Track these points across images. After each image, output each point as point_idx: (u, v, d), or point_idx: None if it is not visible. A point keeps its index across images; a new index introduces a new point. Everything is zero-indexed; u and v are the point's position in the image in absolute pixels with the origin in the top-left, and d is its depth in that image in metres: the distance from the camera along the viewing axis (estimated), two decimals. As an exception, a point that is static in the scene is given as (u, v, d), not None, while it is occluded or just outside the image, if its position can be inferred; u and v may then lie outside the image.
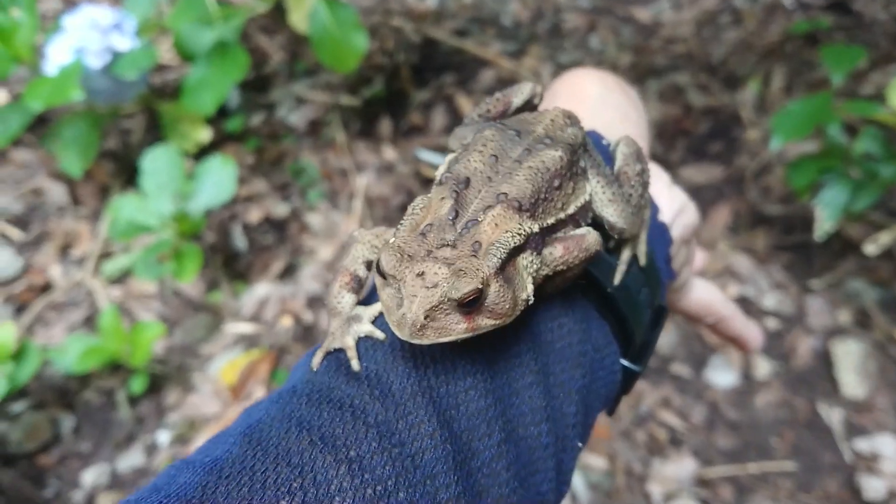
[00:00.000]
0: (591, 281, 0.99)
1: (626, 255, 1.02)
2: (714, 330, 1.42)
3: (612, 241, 1.02)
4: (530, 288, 0.82)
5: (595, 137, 1.11)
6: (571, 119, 0.98)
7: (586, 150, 0.99)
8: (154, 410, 2.97)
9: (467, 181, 0.86)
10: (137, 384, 2.93)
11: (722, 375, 3.12)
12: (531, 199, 0.84)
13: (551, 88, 1.28)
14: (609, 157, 1.09)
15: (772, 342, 3.23)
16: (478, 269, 0.75)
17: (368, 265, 0.92)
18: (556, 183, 0.88)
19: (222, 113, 3.93)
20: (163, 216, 2.93)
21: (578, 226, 0.93)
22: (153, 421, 2.95)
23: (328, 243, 3.50)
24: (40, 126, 3.73)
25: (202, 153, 3.51)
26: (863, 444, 2.88)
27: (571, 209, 0.91)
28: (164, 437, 2.88)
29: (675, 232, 1.16)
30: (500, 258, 0.77)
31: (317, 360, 0.84)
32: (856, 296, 3.27)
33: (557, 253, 0.86)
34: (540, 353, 0.90)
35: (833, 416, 2.97)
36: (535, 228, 0.84)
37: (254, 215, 3.62)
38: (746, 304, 3.34)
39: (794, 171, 3.09)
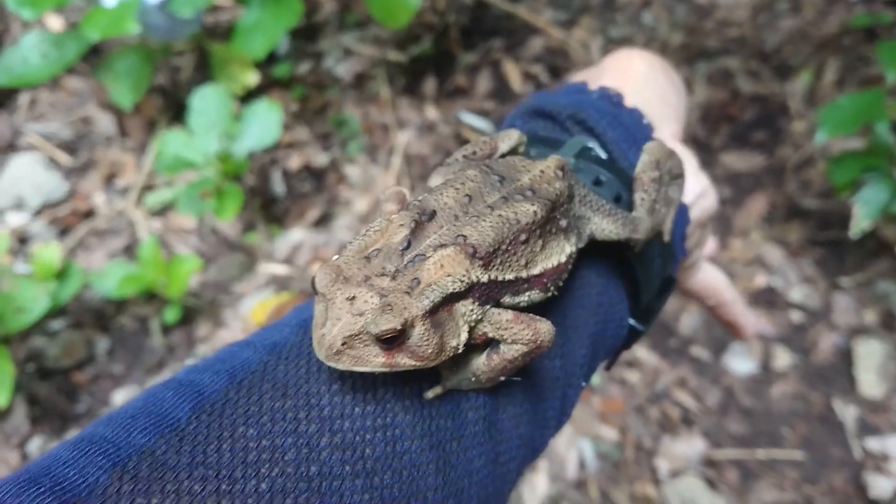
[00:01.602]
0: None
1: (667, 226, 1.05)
2: (714, 312, 1.48)
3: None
4: (463, 336, 0.79)
5: (636, 115, 1.15)
6: (563, 172, 0.94)
7: (577, 198, 0.97)
8: (185, 341, 3.09)
9: (433, 214, 0.83)
10: (171, 314, 3.04)
11: (741, 362, 3.15)
12: (490, 247, 0.81)
13: (601, 64, 1.31)
14: (647, 136, 1.13)
15: (794, 335, 3.24)
16: (404, 309, 0.73)
17: None
18: (523, 237, 0.84)
19: (270, 58, 3.97)
20: (208, 154, 3.00)
21: (546, 291, 0.90)
22: (183, 350, 3.06)
23: (364, 196, 3.56)
24: (93, 56, 3.81)
25: (248, 97, 3.57)
26: (874, 444, 2.90)
27: (537, 270, 0.87)
28: (192, 367, 2.99)
29: (694, 214, 1.21)
30: (433, 301, 0.74)
31: None
32: (884, 297, 3.26)
33: (506, 317, 0.82)
34: (561, 297, 0.99)
35: (847, 413, 2.99)
36: (484, 279, 0.81)
37: (294, 162, 3.68)
38: (773, 295, 3.35)
39: (836, 166, 3.06)
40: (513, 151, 1.05)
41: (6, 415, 2.78)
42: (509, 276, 0.84)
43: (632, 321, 1.15)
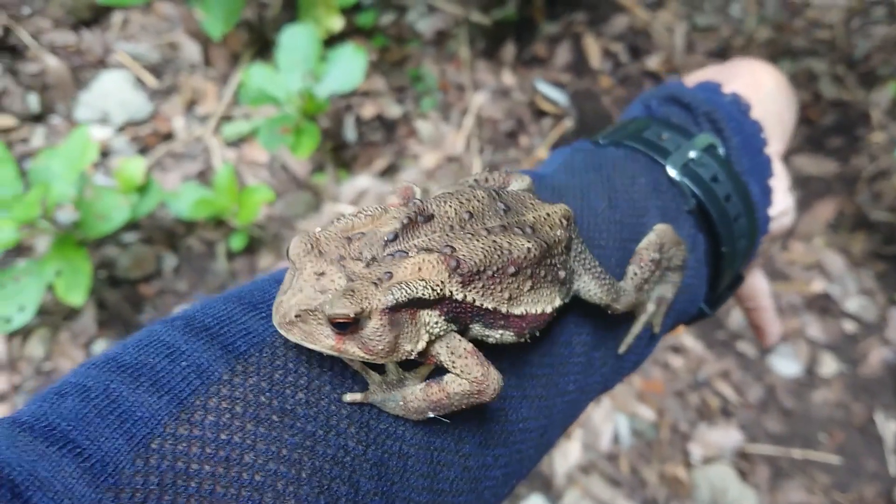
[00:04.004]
0: (713, 235, 1.16)
1: (638, 327, 1.06)
2: (749, 314, 1.59)
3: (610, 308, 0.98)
4: (420, 345, 0.77)
5: (756, 127, 1.22)
6: (568, 221, 0.93)
7: (574, 251, 0.96)
8: (247, 268, 3.20)
9: (430, 217, 0.82)
10: (237, 241, 3.15)
11: (786, 364, 3.15)
12: (474, 267, 0.78)
13: (732, 67, 1.38)
14: (760, 148, 1.21)
15: (844, 344, 3.22)
16: (364, 298, 0.71)
17: None
18: (512, 270, 0.82)
19: (355, 6, 4.01)
20: (290, 91, 3.08)
21: (520, 336, 0.86)
22: (245, 277, 3.17)
23: (433, 152, 3.61)
24: (186, -16, 3.89)
25: (329, 41, 3.62)
26: (911, 461, 2.90)
27: (519, 310, 0.84)
28: (252, 294, 3.10)
29: (772, 227, 1.31)
30: (398, 300, 0.73)
31: None
32: (943, 319, 3.22)
33: (464, 346, 0.79)
34: None
35: (888, 429, 2.99)
36: (459, 297, 0.78)
37: (368, 111, 3.74)
38: (828, 302, 3.33)
39: (915, 180, 3.01)
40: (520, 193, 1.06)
41: (77, 315, 2.93)
42: (488, 305, 0.81)
43: (702, 305, 1.26)
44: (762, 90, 1.30)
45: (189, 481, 0.65)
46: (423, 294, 0.74)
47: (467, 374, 0.77)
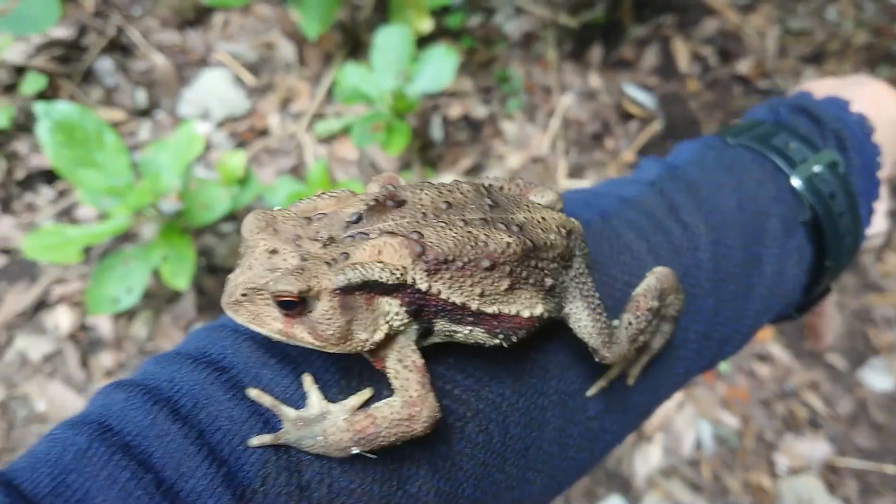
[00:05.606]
0: (819, 247, 1.19)
1: (614, 371, 0.96)
2: (810, 315, 1.63)
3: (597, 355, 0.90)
4: (378, 335, 0.73)
5: (875, 150, 1.25)
6: (570, 234, 0.87)
7: (574, 270, 0.90)
8: (336, 261, 3.31)
9: (401, 203, 0.77)
10: (328, 234, 3.26)
11: (878, 378, 3.05)
12: (442, 255, 0.73)
13: (856, 84, 1.38)
14: (874, 171, 1.23)
15: (942, 360, 3.10)
16: (313, 277, 0.67)
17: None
18: (487, 264, 0.76)
19: (444, 8, 4.09)
20: (383, 90, 3.17)
21: (493, 336, 0.80)
22: (334, 270, 3.28)
23: (518, 153, 3.65)
24: (283, -14, 4.05)
25: (418, 43, 3.70)
26: None
27: (492, 309, 0.78)
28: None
29: (863, 245, 1.34)
30: (350, 281, 0.69)
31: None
32: None
33: (414, 359, 0.75)
34: (774, 273, 1.16)
35: None
36: (423, 286, 0.73)
37: (454, 111, 3.81)
38: (925, 316, 3.21)
39: None
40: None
41: (178, 299, 3.10)
42: (456, 299, 0.75)
43: (792, 311, 1.31)
44: (885, 115, 1.32)
45: None
46: (379, 277, 0.70)
47: (405, 390, 0.73)
